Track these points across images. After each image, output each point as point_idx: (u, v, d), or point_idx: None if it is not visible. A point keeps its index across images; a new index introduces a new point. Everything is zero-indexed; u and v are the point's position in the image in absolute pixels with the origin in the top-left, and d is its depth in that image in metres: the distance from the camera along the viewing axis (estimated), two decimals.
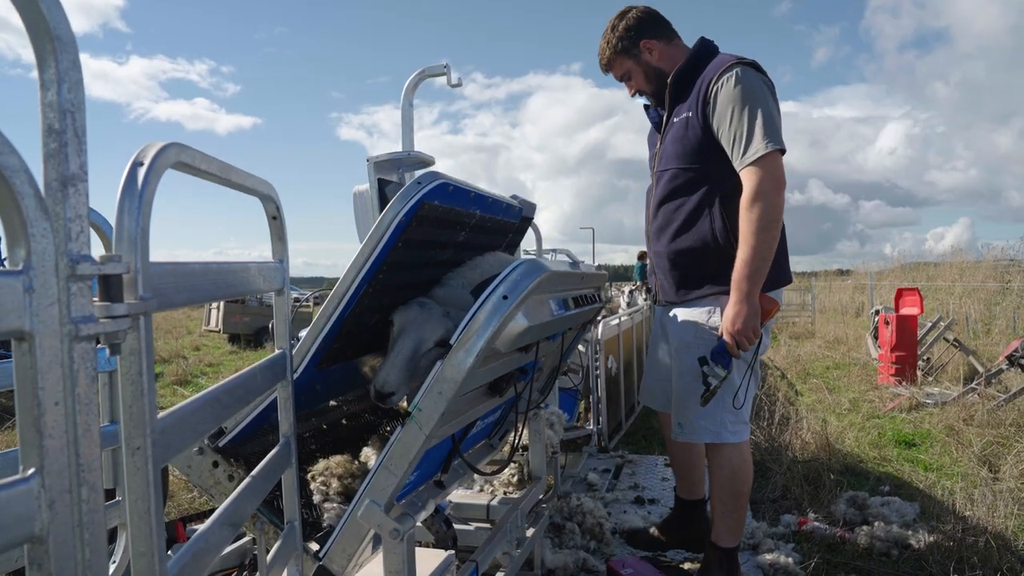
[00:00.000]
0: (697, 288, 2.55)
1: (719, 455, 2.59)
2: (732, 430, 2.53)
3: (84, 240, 0.68)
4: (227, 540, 1.06)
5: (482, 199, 2.13)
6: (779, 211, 2.28)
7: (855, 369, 8.64)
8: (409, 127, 4.64)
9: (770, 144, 2.25)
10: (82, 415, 0.67)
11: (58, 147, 0.66)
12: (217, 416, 1.04)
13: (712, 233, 2.44)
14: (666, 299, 2.71)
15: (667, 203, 2.57)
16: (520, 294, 1.50)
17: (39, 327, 0.62)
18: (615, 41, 2.64)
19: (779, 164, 2.28)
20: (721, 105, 2.34)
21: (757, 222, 2.25)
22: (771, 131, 2.27)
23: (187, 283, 0.91)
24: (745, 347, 2.35)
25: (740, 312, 2.29)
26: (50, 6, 0.65)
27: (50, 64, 0.66)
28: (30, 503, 0.61)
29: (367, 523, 1.59)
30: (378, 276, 1.78)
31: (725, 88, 2.33)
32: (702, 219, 2.46)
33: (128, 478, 0.78)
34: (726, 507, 2.61)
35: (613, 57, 2.68)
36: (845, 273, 30.22)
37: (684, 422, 2.59)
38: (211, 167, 1.01)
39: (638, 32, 2.61)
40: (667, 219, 2.57)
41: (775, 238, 2.29)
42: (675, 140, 2.52)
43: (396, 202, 1.70)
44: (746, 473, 2.59)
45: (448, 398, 1.48)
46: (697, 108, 2.41)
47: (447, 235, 2.06)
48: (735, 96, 2.31)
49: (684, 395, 2.58)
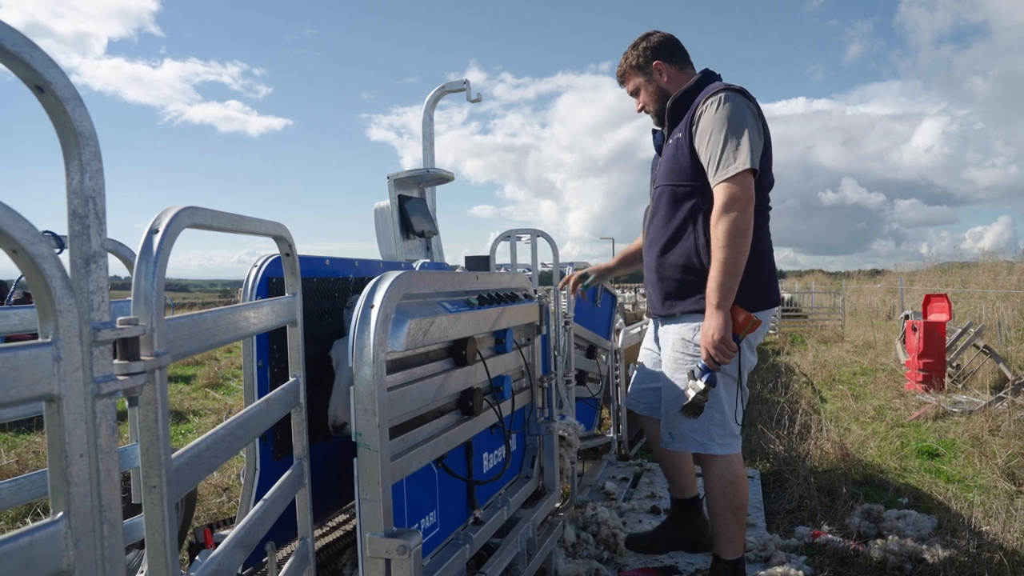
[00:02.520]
0: (682, 301, 2.67)
1: (711, 468, 2.68)
2: (720, 442, 2.62)
3: (104, 308, 0.77)
4: (239, 562, 1.15)
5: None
6: (747, 226, 2.39)
7: (882, 375, 8.54)
8: (430, 142, 4.74)
9: (741, 164, 2.38)
10: (104, 462, 0.76)
11: (81, 229, 0.75)
12: (230, 449, 1.13)
13: (695, 249, 2.58)
14: (655, 312, 2.84)
15: (657, 219, 2.73)
16: (381, 299, 1.61)
17: (66, 391, 0.71)
18: (633, 58, 2.82)
19: (750, 183, 2.40)
20: (703, 126, 2.49)
21: (725, 236, 2.37)
22: (744, 152, 2.39)
23: (200, 332, 1.00)
24: (720, 359, 2.44)
25: (712, 324, 2.42)
26: (74, 107, 0.74)
27: (75, 156, 0.75)
28: (58, 543, 0.71)
29: (377, 554, 1.67)
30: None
31: (709, 111, 2.48)
32: (687, 235, 2.61)
33: (146, 513, 0.87)
34: (723, 520, 2.69)
35: (628, 71, 2.86)
36: (878, 273, 29.69)
37: (674, 432, 2.72)
38: (223, 222, 1.11)
39: (655, 53, 2.78)
40: (657, 235, 2.72)
41: (743, 252, 2.40)
42: (668, 159, 2.68)
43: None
44: (739, 486, 2.67)
45: (376, 411, 1.56)
46: (687, 129, 2.57)
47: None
48: (717, 118, 2.45)
49: (673, 405, 2.69)
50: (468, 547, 2.19)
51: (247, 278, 1.81)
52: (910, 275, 19.81)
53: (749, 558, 3.22)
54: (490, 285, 2.53)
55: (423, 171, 4.29)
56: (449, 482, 2.21)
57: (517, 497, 2.68)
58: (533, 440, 2.94)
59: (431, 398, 2.04)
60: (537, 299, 2.94)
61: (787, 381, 8.08)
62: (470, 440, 2.33)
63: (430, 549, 2.07)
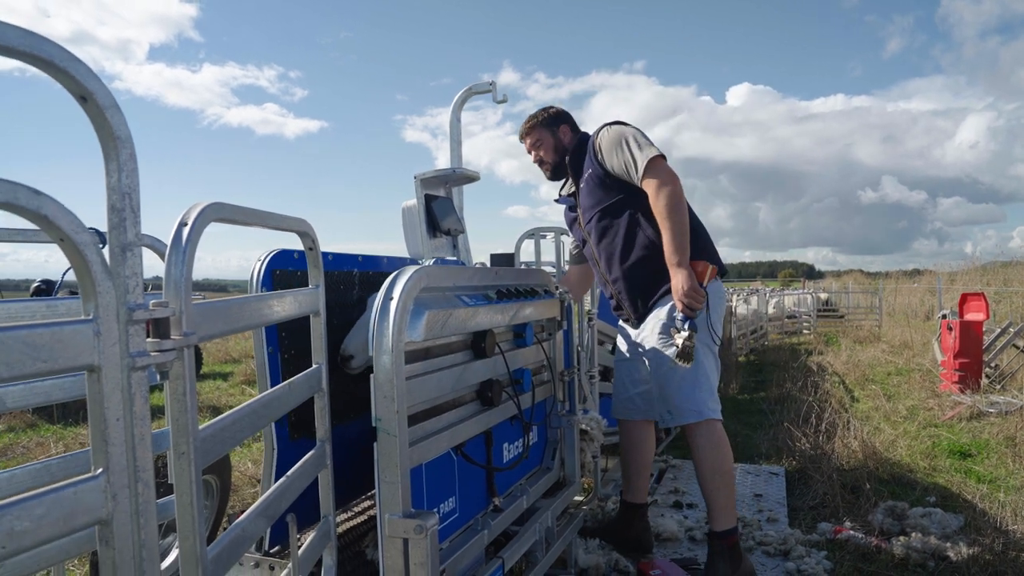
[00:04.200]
0: (655, 293, 2.96)
1: (696, 435, 2.86)
2: (712, 407, 2.87)
3: (139, 291, 0.87)
4: (262, 530, 1.25)
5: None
6: (680, 195, 2.80)
7: (917, 376, 8.40)
8: (457, 142, 4.84)
9: (651, 153, 2.80)
10: (138, 428, 0.86)
11: (119, 221, 0.85)
12: (253, 426, 1.23)
13: (649, 240, 2.93)
14: (637, 315, 3.06)
15: (604, 239, 3.06)
16: (400, 292, 1.71)
17: (105, 362, 0.82)
18: (542, 117, 3.25)
19: (663, 162, 2.83)
20: (606, 149, 2.93)
21: (666, 208, 2.76)
22: (646, 145, 2.84)
23: (225, 316, 1.11)
24: (694, 305, 2.74)
25: (679, 279, 2.73)
26: (113, 114, 0.85)
27: (113, 157, 0.85)
28: (99, 495, 0.81)
29: (396, 534, 1.76)
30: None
31: (604, 139, 2.95)
32: (638, 232, 2.96)
33: (176, 476, 0.97)
34: (712, 485, 2.85)
35: (535, 126, 3.26)
36: (919, 273, 28.96)
37: (672, 408, 2.91)
38: (248, 217, 1.21)
39: (560, 119, 3.24)
40: (611, 250, 3.05)
41: (684, 215, 2.78)
42: (588, 194, 3.07)
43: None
44: (724, 451, 2.87)
45: (395, 397, 1.65)
46: (593, 162, 3.00)
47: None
48: (611, 138, 2.92)
49: (665, 384, 2.91)
50: (487, 533, 2.27)
51: (252, 271, 1.94)
52: (950, 275, 19.32)
53: (768, 551, 3.25)
54: (509, 280, 2.60)
55: (449, 171, 4.38)
56: (469, 470, 2.29)
57: (537, 487, 2.75)
58: (554, 433, 3.01)
59: (449, 388, 2.13)
60: (558, 295, 3.01)
61: (817, 380, 8.00)
62: (490, 430, 2.41)
63: (449, 533, 2.15)
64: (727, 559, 2.79)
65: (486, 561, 2.28)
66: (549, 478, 2.92)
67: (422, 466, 1.98)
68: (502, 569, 2.31)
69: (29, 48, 0.73)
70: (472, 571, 2.18)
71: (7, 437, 6.32)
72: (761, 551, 3.27)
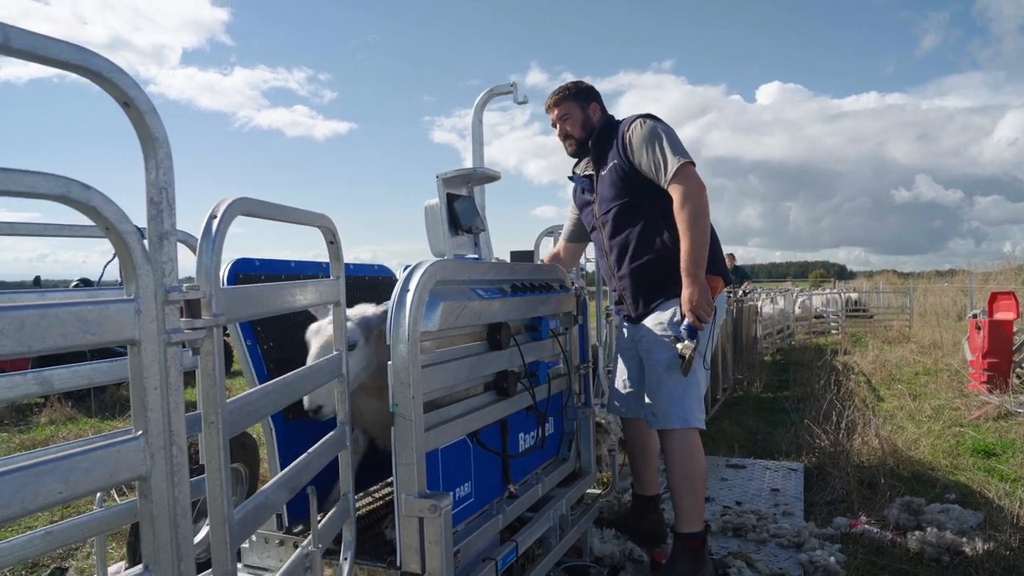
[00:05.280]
0: (661, 292, 2.95)
1: (669, 440, 2.89)
2: (697, 416, 2.88)
3: (174, 276, 0.98)
4: (284, 499, 1.36)
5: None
6: (705, 207, 2.78)
7: (945, 376, 8.30)
8: (479, 143, 4.94)
9: (681, 159, 2.77)
10: (172, 396, 0.97)
11: (156, 213, 0.96)
12: (276, 403, 1.34)
13: (663, 244, 2.92)
14: (637, 314, 3.06)
15: (619, 235, 3.04)
16: (416, 284, 1.82)
17: (144, 337, 0.92)
18: (573, 89, 3.17)
19: (694, 171, 2.80)
20: (636, 145, 2.88)
21: (689, 218, 2.75)
22: (679, 150, 2.80)
23: (250, 301, 1.21)
24: (704, 319, 2.77)
25: (693, 290, 2.74)
26: (151, 117, 0.95)
27: (151, 156, 0.96)
28: (139, 453, 0.92)
29: (411, 513, 1.86)
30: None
31: (636, 133, 2.89)
32: (651, 235, 2.94)
33: (206, 443, 1.08)
34: (680, 489, 2.87)
35: (566, 97, 3.17)
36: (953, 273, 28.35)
37: (657, 411, 2.92)
38: (272, 211, 1.31)
39: (592, 95, 3.17)
40: (623, 246, 3.03)
41: (706, 229, 2.79)
42: (609, 185, 3.02)
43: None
44: (696, 457, 2.88)
45: (411, 383, 1.76)
46: (620, 154, 2.95)
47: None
48: (643, 135, 2.86)
49: (656, 386, 2.91)
50: (501, 517, 2.36)
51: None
52: (985, 275, 18.95)
53: (782, 543, 3.30)
54: (524, 275, 2.69)
55: (470, 170, 4.50)
56: (485, 457, 2.38)
57: (552, 477, 2.84)
58: (571, 424, 3.10)
59: (464, 377, 2.22)
60: (574, 290, 3.09)
61: (842, 379, 7.95)
62: (506, 419, 2.50)
63: (465, 517, 2.25)
64: (689, 559, 2.83)
65: (500, 544, 2.38)
66: (564, 468, 3.00)
67: (438, 451, 2.08)
68: (516, 552, 2.40)
69: (82, 62, 0.84)
70: (487, 553, 2.27)
71: (48, 429, 6.59)
72: (775, 543, 3.32)
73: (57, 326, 0.82)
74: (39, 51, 0.80)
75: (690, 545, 2.85)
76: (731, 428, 5.91)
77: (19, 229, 1.75)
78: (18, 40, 0.77)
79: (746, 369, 8.35)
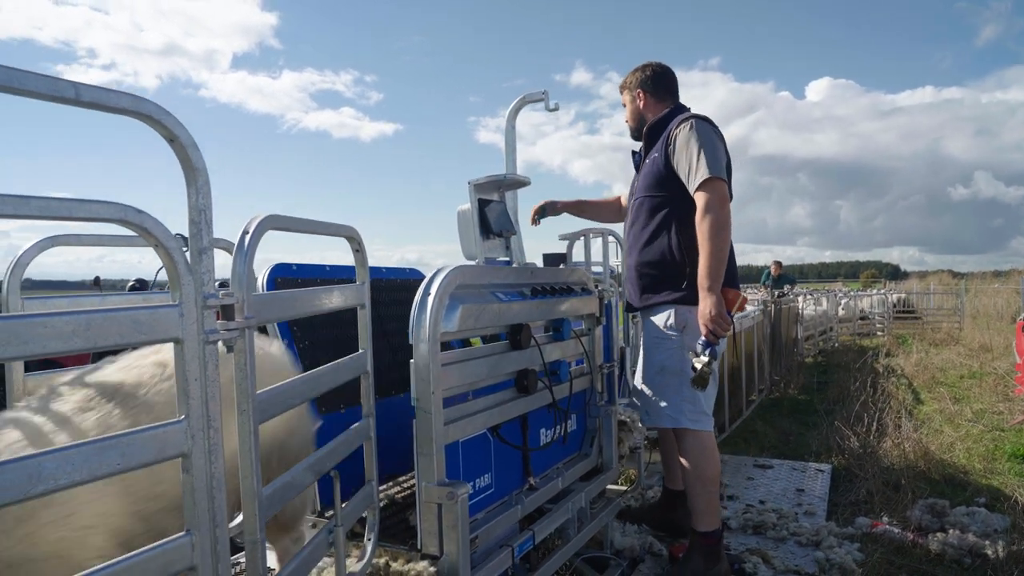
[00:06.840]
0: (656, 294, 3.05)
1: (682, 441, 2.99)
2: (691, 418, 2.95)
3: (212, 284, 1.15)
4: (308, 481, 1.53)
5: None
6: (726, 220, 2.80)
7: (991, 379, 8.12)
8: (512, 148, 5.09)
9: (712, 172, 2.80)
10: (210, 387, 1.14)
11: (196, 231, 1.14)
12: (303, 396, 1.51)
13: (670, 248, 2.99)
14: (633, 305, 3.19)
15: (636, 225, 3.14)
16: (437, 288, 1.96)
17: (186, 336, 1.10)
18: (629, 78, 3.33)
19: (722, 187, 2.83)
20: (678, 145, 2.94)
21: (709, 230, 2.78)
22: (713, 164, 2.83)
23: (279, 306, 1.39)
24: (719, 332, 2.78)
25: (708, 304, 2.76)
26: (193, 151, 1.13)
27: (192, 183, 1.14)
28: (182, 434, 1.09)
29: (431, 500, 2.01)
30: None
31: (682, 133, 2.93)
32: (662, 237, 3.03)
33: (239, 428, 1.26)
34: (693, 490, 2.97)
35: (623, 87, 3.38)
36: (1019, 273, 27.30)
37: (649, 410, 3.06)
38: (299, 225, 1.48)
39: (639, 82, 3.28)
40: (636, 238, 3.13)
41: (725, 242, 2.81)
42: (646, 175, 3.12)
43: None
44: (708, 459, 2.96)
45: (431, 380, 1.90)
46: (663, 149, 3.02)
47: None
48: (688, 138, 2.90)
49: (648, 385, 3.07)
50: (520, 508, 2.50)
51: (259, 279, 2.38)
52: None
53: (800, 541, 3.36)
54: (544, 279, 2.81)
55: (501, 176, 4.65)
56: (505, 450, 2.52)
57: (573, 471, 2.96)
58: (593, 421, 3.21)
59: (484, 375, 2.37)
60: (597, 292, 3.21)
61: (882, 382, 7.86)
62: (526, 415, 2.64)
63: (485, 506, 2.40)
64: (703, 556, 2.92)
65: (519, 533, 2.52)
66: (586, 464, 3.12)
67: (459, 443, 2.23)
68: (532, 540, 2.53)
69: (137, 108, 1.02)
70: (505, 540, 2.42)
71: None
72: (793, 541, 3.38)
73: (116, 327, 0.99)
74: (102, 101, 0.98)
75: (705, 543, 2.94)
76: (764, 429, 5.93)
77: (84, 240, 1.98)
78: (86, 94, 0.95)
79: (784, 371, 8.31)
